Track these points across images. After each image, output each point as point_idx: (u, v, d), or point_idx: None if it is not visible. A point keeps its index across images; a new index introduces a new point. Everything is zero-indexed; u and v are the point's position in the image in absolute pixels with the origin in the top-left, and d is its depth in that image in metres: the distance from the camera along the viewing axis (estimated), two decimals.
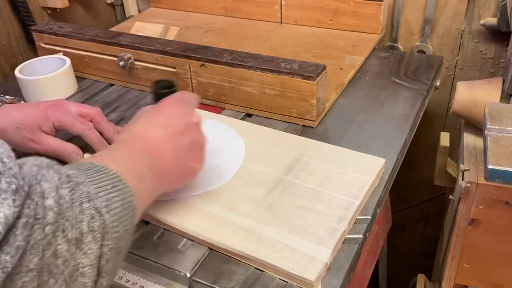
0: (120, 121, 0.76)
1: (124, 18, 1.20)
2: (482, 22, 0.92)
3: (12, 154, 0.30)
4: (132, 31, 0.93)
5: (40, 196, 0.30)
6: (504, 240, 0.71)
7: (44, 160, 0.33)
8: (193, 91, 0.79)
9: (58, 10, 1.05)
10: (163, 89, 0.62)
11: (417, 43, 1.00)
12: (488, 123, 0.57)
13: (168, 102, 0.54)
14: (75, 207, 0.33)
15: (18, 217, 0.28)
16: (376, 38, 0.94)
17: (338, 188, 0.58)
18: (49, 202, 0.31)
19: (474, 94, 0.74)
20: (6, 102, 0.76)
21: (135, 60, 0.81)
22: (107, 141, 0.65)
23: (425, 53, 1.00)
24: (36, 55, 0.91)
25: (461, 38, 0.96)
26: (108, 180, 0.38)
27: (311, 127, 0.72)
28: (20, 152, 0.63)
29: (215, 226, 0.54)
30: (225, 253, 0.52)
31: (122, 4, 1.20)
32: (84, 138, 0.63)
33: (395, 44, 1.02)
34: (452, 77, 1.01)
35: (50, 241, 0.30)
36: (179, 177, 0.52)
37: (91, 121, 0.65)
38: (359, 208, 0.56)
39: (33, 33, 0.90)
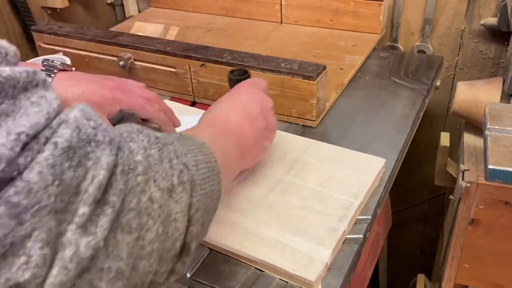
0: (120, 121, 0.76)
1: (124, 18, 1.20)
2: (482, 22, 0.92)
3: (98, 114, 0.32)
4: (132, 31, 0.93)
5: (130, 152, 0.32)
6: (504, 240, 0.71)
7: (135, 126, 0.36)
8: (193, 91, 0.79)
9: (58, 10, 1.05)
10: (237, 76, 0.67)
11: (417, 43, 1.00)
12: (488, 123, 0.57)
13: (243, 87, 0.58)
14: (165, 163, 0.35)
15: (115, 165, 0.30)
16: (376, 38, 0.94)
17: (338, 188, 0.58)
18: (138, 157, 0.33)
19: (474, 94, 0.74)
20: (58, 69, 0.59)
21: (135, 60, 0.81)
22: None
23: (425, 53, 1.00)
24: (36, 55, 0.91)
25: (461, 38, 0.96)
26: (195, 145, 0.40)
27: (311, 127, 0.72)
28: None
29: (215, 226, 0.53)
30: (225, 253, 0.52)
31: (122, 4, 1.20)
32: (155, 121, 0.61)
33: (395, 44, 1.02)
34: (452, 77, 1.01)
35: (144, 188, 0.32)
36: (255, 154, 0.56)
37: None
38: (359, 208, 0.56)
39: (33, 33, 0.90)
